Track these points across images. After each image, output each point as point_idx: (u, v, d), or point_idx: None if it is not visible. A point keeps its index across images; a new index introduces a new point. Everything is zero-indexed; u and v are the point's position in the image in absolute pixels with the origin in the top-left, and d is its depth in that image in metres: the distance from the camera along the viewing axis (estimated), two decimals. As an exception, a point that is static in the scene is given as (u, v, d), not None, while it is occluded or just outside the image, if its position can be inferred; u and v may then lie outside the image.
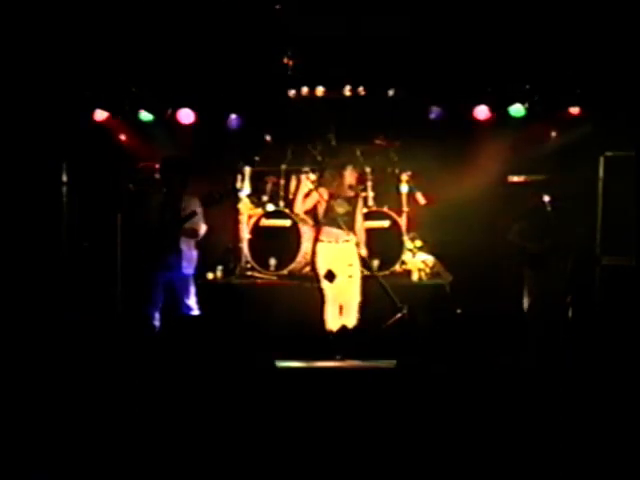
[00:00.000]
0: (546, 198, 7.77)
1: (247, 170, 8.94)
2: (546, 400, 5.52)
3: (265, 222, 8.70)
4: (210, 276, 8.56)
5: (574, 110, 8.68)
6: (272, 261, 8.58)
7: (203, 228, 7.24)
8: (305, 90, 8.93)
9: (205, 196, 7.12)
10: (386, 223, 8.61)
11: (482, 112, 8.89)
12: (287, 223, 8.56)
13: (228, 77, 8.76)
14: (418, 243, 8.78)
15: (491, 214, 8.75)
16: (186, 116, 9.13)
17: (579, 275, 7.82)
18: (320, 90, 8.94)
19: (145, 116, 9.12)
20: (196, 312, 7.17)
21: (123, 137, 9.31)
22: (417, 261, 8.60)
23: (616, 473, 4.45)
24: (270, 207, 8.84)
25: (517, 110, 8.80)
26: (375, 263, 8.38)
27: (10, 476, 4.44)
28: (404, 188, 8.85)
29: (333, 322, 7.14)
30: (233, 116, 9.29)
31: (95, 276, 8.35)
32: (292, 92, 8.96)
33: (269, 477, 4.47)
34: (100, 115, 8.94)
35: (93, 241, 8.70)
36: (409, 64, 8.49)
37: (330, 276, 7.16)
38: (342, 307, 7.22)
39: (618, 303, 7.63)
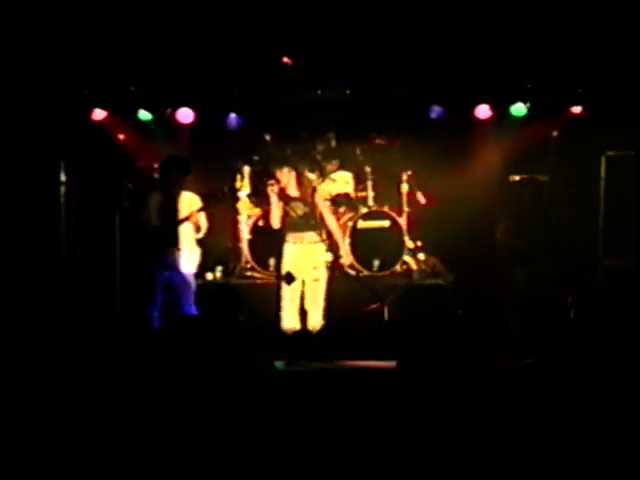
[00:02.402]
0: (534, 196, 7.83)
1: (247, 170, 8.91)
2: (546, 401, 5.49)
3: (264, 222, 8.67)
4: (210, 276, 8.53)
5: (576, 109, 8.66)
6: (272, 261, 8.54)
7: (204, 225, 7.24)
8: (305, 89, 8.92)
9: (204, 196, 7.10)
10: (386, 223, 8.59)
11: (483, 111, 8.85)
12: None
13: (228, 76, 8.72)
14: (419, 243, 8.75)
15: (492, 213, 8.70)
16: (185, 115, 9.08)
17: (580, 276, 7.80)
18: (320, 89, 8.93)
19: (144, 115, 9.06)
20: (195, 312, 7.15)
21: (122, 136, 9.24)
22: (418, 261, 8.57)
23: (616, 473, 4.43)
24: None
25: (518, 109, 8.77)
26: (375, 263, 8.40)
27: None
28: (405, 188, 8.81)
29: (289, 322, 7.06)
30: (232, 115, 9.25)
31: (94, 276, 8.32)
32: (292, 92, 8.93)
33: (269, 477, 4.44)
34: (99, 114, 8.88)
35: (92, 241, 8.66)
36: (410, 63, 8.45)
37: (288, 278, 7.01)
38: (307, 312, 7.09)
39: (620, 304, 7.61)
